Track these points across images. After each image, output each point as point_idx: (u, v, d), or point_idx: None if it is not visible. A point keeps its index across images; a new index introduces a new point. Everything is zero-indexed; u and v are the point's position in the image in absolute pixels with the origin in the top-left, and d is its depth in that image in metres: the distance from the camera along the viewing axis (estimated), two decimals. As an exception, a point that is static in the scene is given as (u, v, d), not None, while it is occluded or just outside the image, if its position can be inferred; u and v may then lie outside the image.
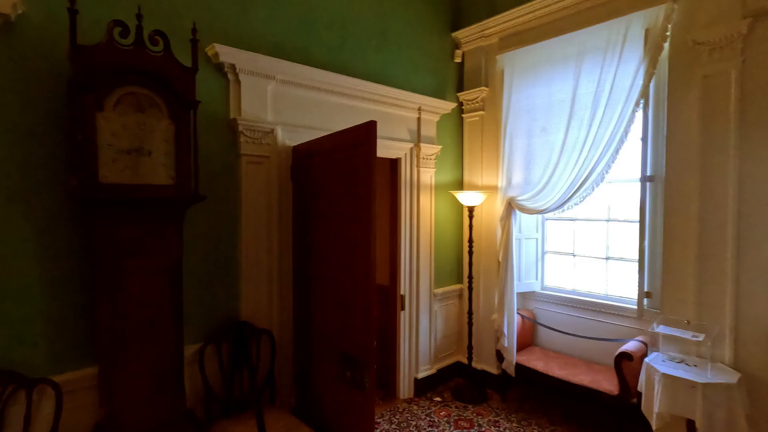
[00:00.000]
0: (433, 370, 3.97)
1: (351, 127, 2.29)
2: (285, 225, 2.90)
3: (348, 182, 2.29)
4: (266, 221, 2.80)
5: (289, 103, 2.91)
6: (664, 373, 2.48)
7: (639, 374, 2.78)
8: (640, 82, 2.90)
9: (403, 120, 3.69)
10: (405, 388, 3.80)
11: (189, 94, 2.05)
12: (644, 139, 3.11)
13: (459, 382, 4.07)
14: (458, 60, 4.16)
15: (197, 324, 2.52)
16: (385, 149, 3.55)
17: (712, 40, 2.60)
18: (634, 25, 2.95)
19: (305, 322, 2.79)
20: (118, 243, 1.94)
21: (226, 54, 2.52)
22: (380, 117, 3.47)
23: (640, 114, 3.02)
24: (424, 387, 3.88)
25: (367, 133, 2.12)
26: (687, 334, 2.60)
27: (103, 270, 1.93)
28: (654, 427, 2.57)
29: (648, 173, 3.11)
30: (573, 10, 3.34)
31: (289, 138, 2.90)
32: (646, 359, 2.70)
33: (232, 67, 2.58)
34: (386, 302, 3.88)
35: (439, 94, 3.98)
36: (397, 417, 3.47)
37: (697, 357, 2.65)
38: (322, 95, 3.10)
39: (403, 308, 3.76)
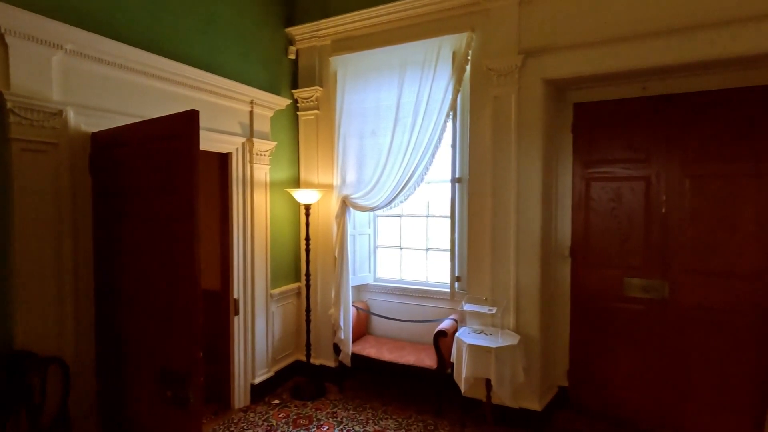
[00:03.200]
0: (271, 373, 3.86)
1: (169, 115, 2.04)
2: (83, 228, 2.41)
3: (166, 177, 2.03)
4: (55, 223, 2.28)
5: (86, 80, 2.42)
6: (469, 344, 2.95)
7: (452, 348, 3.24)
8: (449, 96, 3.37)
9: (233, 113, 3.46)
10: (240, 396, 3.59)
11: None
12: (453, 146, 3.62)
13: (298, 380, 4.06)
14: (292, 56, 4.12)
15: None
16: (213, 142, 3.28)
17: (499, 68, 3.20)
18: (445, 47, 3.41)
19: (114, 341, 2.37)
20: None
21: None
22: (207, 107, 3.19)
23: (450, 124, 3.51)
24: (261, 392, 3.74)
25: (188, 122, 1.92)
26: (485, 309, 3.15)
27: None
28: (462, 390, 3.04)
29: (457, 175, 3.64)
30: (397, 24, 3.66)
31: (86, 123, 2.41)
32: (457, 334, 3.16)
33: (-5, 25, 2.01)
34: (218, 308, 3.60)
35: (273, 89, 3.87)
36: (231, 429, 3.26)
37: (492, 327, 3.23)
38: (134, 76, 2.67)
39: (237, 313, 3.55)
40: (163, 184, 2.04)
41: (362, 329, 4.15)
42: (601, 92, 3.39)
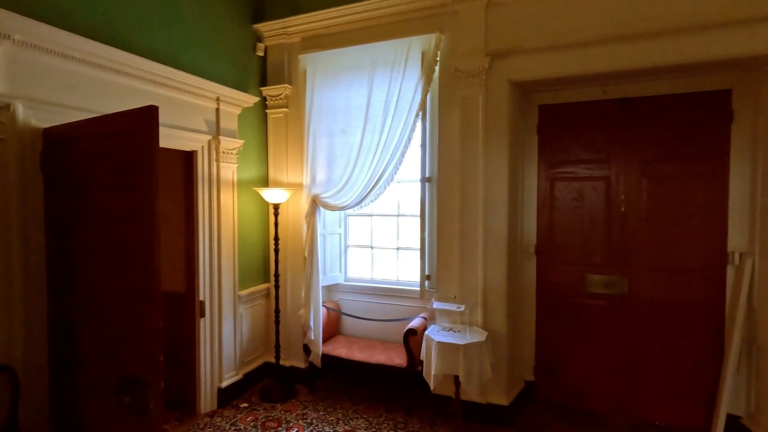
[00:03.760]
0: (239, 376, 3.78)
1: (127, 111, 1.96)
2: (34, 228, 2.28)
3: (124, 176, 1.95)
4: (1, 223, 2.15)
5: (37, 73, 2.30)
6: (438, 342, 2.99)
7: (422, 346, 3.27)
8: (419, 96, 3.40)
9: (199, 110, 3.37)
10: (207, 400, 3.50)
11: None
12: (423, 146, 3.65)
13: (268, 382, 3.99)
14: (261, 53, 4.05)
15: None
16: (177, 140, 3.18)
17: (467, 69, 3.25)
18: (414, 48, 3.43)
19: (69, 347, 2.26)
20: None
21: None
22: (171, 103, 3.10)
23: (420, 124, 3.54)
24: (229, 395, 3.66)
25: (146, 119, 1.85)
26: (453, 307, 3.19)
27: None
28: (432, 387, 3.08)
29: (426, 175, 3.66)
30: (367, 23, 3.65)
31: (37, 118, 2.29)
32: (426, 332, 3.19)
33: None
34: (183, 311, 3.49)
35: (240, 86, 3.79)
36: (197, 435, 3.18)
37: (461, 324, 3.28)
38: (92, 70, 2.56)
39: (202, 315, 3.45)
40: (121, 182, 1.96)
41: (333, 329, 4.12)
42: (565, 95, 3.50)
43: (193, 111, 3.32)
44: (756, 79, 2.94)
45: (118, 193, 1.98)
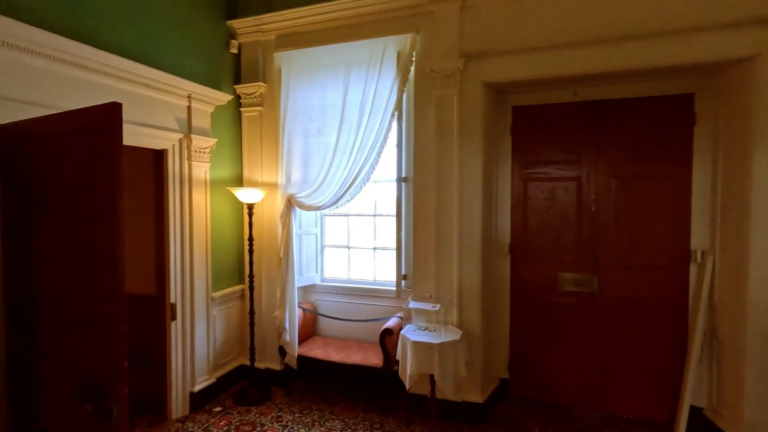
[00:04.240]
0: (212, 380, 3.70)
1: (88, 108, 1.88)
2: (-11, 230, 2.18)
3: (86, 175, 1.88)
4: (-46, 225, 2.04)
5: (-9, 66, 2.19)
6: (413, 341, 3.00)
7: (398, 345, 3.27)
8: (394, 96, 3.40)
9: (169, 107, 3.28)
10: (178, 405, 3.41)
11: None
12: (399, 146, 3.66)
13: (242, 385, 3.92)
14: (234, 51, 3.97)
15: None
16: (146, 138, 3.09)
17: (441, 70, 3.27)
18: (390, 48, 3.43)
19: (28, 353, 2.16)
20: None
21: None
22: (139, 100, 3.01)
23: (396, 124, 3.54)
24: (202, 400, 3.58)
25: (109, 115, 1.78)
26: (429, 306, 3.21)
27: None
28: (407, 387, 3.08)
29: (403, 174, 3.67)
30: (343, 22, 3.63)
31: (-9, 113, 2.18)
32: (402, 331, 3.20)
33: None
34: (153, 314, 3.40)
35: (213, 83, 3.71)
36: (168, 441, 3.09)
37: (436, 323, 3.30)
38: (54, 65, 2.46)
39: (174, 318, 3.37)
40: (83, 182, 1.89)
41: (309, 330, 4.09)
42: (538, 96, 3.57)
43: (163, 108, 3.23)
44: (717, 84, 3.07)
45: (80, 193, 1.91)
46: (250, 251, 3.76)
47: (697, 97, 3.16)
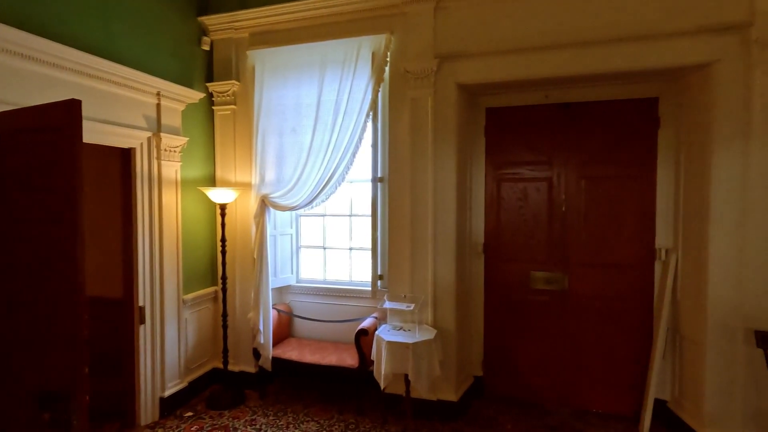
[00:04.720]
0: (184, 384, 3.62)
1: (45, 105, 1.81)
2: (-61, 231, 2.07)
3: (43, 175, 1.80)
4: None
5: (-58, 60, 2.08)
6: (387, 341, 3.00)
7: (373, 346, 3.27)
8: (369, 96, 3.39)
9: (137, 104, 3.19)
10: (147, 411, 3.32)
11: None
12: (374, 146, 3.65)
13: (215, 389, 3.85)
14: (206, 48, 3.89)
15: None
16: (111, 136, 2.99)
17: (416, 71, 3.28)
18: (364, 47, 3.43)
19: (-19, 361, 2.06)
20: None
21: None
22: (105, 98, 2.92)
23: (371, 124, 3.54)
24: (172, 405, 3.49)
25: (68, 113, 1.71)
26: (403, 306, 3.22)
27: None
28: (382, 387, 3.09)
29: (378, 175, 3.67)
30: (318, 21, 3.60)
31: (-57, 109, 2.07)
32: (377, 332, 3.20)
33: None
34: (121, 318, 3.29)
35: (184, 81, 3.62)
36: (136, 448, 3.01)
37: (411, 323, 3.31)
38: (12, 59, 2.35)
39: (143, 322, 3.27)
40: (41, 181, 1.81)
41: (284, 332, 4.04)
42: (511, 98, 3.63)
43: (130, 106, 3.13)
44: (679, 89, 3.18)
45: (37, 193, 1.83)
46: (223, 252, 3.69)
47: (661, 101, 3.27)
